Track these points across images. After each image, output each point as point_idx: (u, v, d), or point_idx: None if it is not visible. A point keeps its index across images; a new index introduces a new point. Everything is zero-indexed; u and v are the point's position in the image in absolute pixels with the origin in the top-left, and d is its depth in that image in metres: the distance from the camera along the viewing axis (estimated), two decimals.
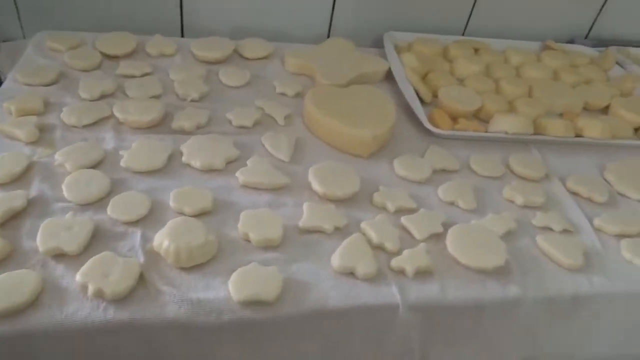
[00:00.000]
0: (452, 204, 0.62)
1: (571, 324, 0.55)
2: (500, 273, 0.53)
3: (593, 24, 1.06)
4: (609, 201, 0.66)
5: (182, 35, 0.92)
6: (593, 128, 0.74)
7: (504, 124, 0.72)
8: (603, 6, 1.03)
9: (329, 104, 0.69)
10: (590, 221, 0.62)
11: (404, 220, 0.57)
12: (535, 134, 0.74)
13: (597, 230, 0.61)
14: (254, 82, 0.79)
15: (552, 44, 0.99)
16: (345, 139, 0.66)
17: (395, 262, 0.52)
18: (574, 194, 0.67)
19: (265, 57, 0.85)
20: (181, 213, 0.54)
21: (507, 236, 0.58)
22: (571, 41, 1.04)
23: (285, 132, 0.68)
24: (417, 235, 0.56)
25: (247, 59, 0.84)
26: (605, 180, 0.70)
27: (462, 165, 0.68)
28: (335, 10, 0.95)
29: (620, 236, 0.61)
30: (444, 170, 0.67)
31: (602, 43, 1.04)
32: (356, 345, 0.50)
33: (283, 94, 0.77)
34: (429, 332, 0.51)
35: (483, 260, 0.52)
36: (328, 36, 0.98)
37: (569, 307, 0.54)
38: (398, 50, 0.91)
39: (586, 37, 1.07)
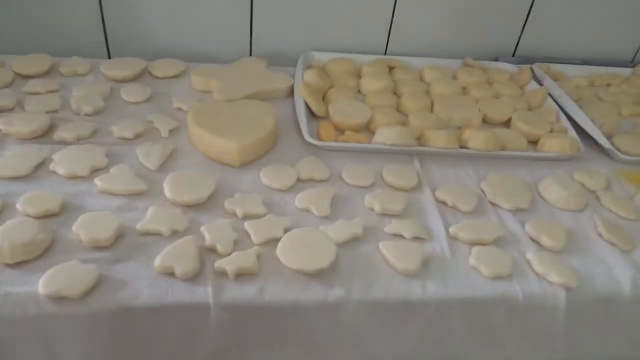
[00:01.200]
0: (306, 210, 0.62)
1: (406, 331, 0.55)
2: (327, 276, 0.53)
3: (518, 42, 1.06)
4: (475, 210, 0.65)
5: (109, 57, 0.98)
6: (476, 140, 0.74)
7: (384, 136, 0.73)
8: (525, 25, 1.04)
9: (208, 117, 0.72)
10: (447, 229, 0.62)
11: (246, 224, 0.58)
12: (421, 145, 0.75)
13: (452, 238, 0.61)
14: (155, 98, 0.82)
15: (470, 61, 1.00)
16: (215, 149, 0.68)
17: (218, 264, 0.53)
18: (442, 203, 0.66)
19: (175, 76, 0.89)
20: (27, 215, 0.57)
21: (351, 242, 0.58)
22: (496, 59, 1.05)
23: (165, 143, 0.71)
24: (254, 239, 0.56)
25: (156, 77, 0.88)
26: (482, 190, 0.69)
27: (333, 175, 0.69)
28: (253, 33, 0.98)
29: (473, 244, 0.60)
30: (311, 179, 0.68)
31: (526, 60, 1.04)
32: (171, 345, 0.51)
33: (179, 109, 0.80)
34: (245, 334, 0.51)
35: (306, 263, 0.53)
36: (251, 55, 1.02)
37: (400, 312, 0.54)
38: (312, 68, 0.94)
39: (513, 55, 1.08)
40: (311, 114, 0.81)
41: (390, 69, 0.97)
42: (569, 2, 1.02)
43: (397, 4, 0.98)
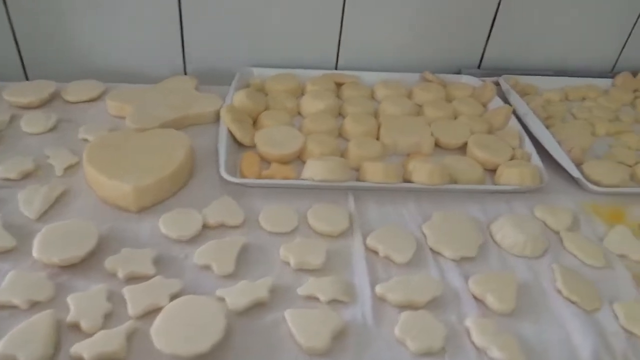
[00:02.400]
0: (206, 268, 0.52)
1: None
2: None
3: (483, 53, 0.96)
4: (412, 261, 0.55)
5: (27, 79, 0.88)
6: (420, 172, 0.64)
7: (313, 170, 0.63)
8: (490, 34, 0.93)
9: (107, 152, 0.62)
10: (373, 287, 0.51)
11: (124, 290, 0.48)
12: (357, 179, 0.65)
13: (380, 299, 0.51)
14: (61, 128, 0.72)
15: (428, 75, 0.90)
16: (109, 192, 0.58)
17: (75, 348, 0.42)
18: (373, 252, 0.56)
19: (90, 100, 0.79)
20: None
21: (253, 310, 0.48)
22: (459, 72, 0.95)
23: (55, 184, 0.61)
24: (131, 310, 0.46)
25: (70, 102, 0.78)
26: (423, 234, 0.59)
27: (249, 219, 0.59)
28: (185, 48, 0.88)
29: (404, 307, 0.50)
30: (222, 226, 0.58)
31: (493, 72, 0.94)
32: None
33: (85, 140, 0.70)
34: None
35: (183, 345, 0.42)
36: (185, 73, 0.92)
37: None
38: (246, 87, 0.84)
39: (479, 67, 0.98)
40: (239, 142, 0.71)
41: (339, 85, 0.87)
42: (538, 7, 0.91)
43: (345, 12, 0.88)
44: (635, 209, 0.66)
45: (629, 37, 0.97)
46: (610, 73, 1.00)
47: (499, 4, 0.90)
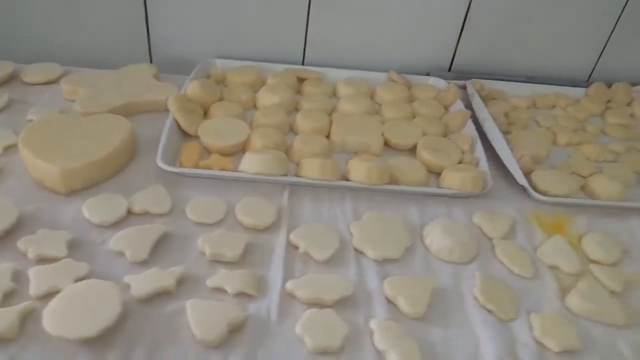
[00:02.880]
0: (121, 254, 0.52)
1: None
2: (100, 346, 0.43)
3: (454, 55, 0.94)
4: (331, 259, 0.54)
5: None
6: (358, 171, 0.63)
7: (248, 162, 0.62)
8: (460, 36, 0.92)
9: (43, 134, 0.62)
10: (285, 283, 0.51)
11: (31, 271, 0.48)
12: (297, 175, 0.64)
13: (289, 295, 0.50)
14: (13, 108, 0.73)
15: (394, 75, 0.88)
16: (40, 173, 0.59)
17: None
18: (294, 248, 0.56)
19: (48, 82, 0.79)
20: None
21: (158, 298, 0.48)
22: (428, 74, 0.93)
23: None
24: (33, 291, 0.46)
25: (27, 83, 0.79)
26: (351, 233, 0.58)
27: (177, 208, 0.59)
28: (150, 36, 0.89)
29: (311, 305, 0.49)
30: (147, 214, 0.57)
31: (463, 76, 0.92)
32: None
33: (31, 121, 0.70)
34: None
35: (71, 328, 0.42)
36: (152, 62, 0.92)
37: None
38: (212, 78, 0.84)
39: (449, 70, 0.96)
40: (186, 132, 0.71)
41: (302, 81, 0.87)
42: (508, 13, 0.90)
43: (311, 8, 0.87)
44: (580, 221, 0.65)
45: (604, 48, 0.95)
46: (586, 83, 0.98)
47: (468, 8, 0.88)
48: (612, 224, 0.65)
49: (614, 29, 0.92)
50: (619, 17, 0.91)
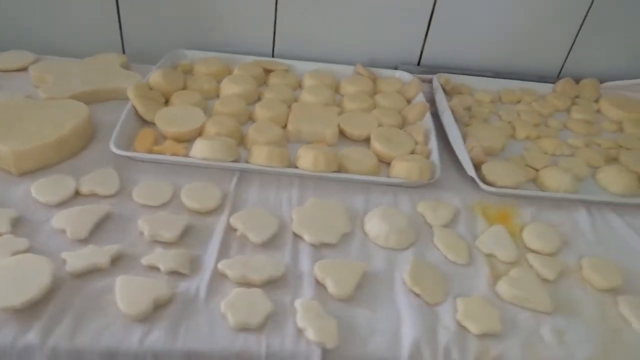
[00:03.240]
0: (62, 232, 0.54)
1: None
2: (27, 317, 0.45)
3: (422, 50, 0.95)
4: (268, 242, 0.56)
5: None
6: (304, 158, 0.64)
7: (197, 148, 0.64)
8: (427, 31, 0.93)
9: (2, 118, 0.64)
10: (217, 263, 0.52)
11: None
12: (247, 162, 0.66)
13: (220, 274, 0.52)
14: None
15: (360, 68, 0.90)
16: None
17: None
18: (234, 230, 0.57)
19: (19, 69, 0.82)
20: None
21: (91, 274, 0.50)
22: (396, 67, 0.94)
23: None
24: None
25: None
26: (292, 217, 0.60)
27: (125, 191, 0.60)
28: (123, 27, 0.91)
29: (240, 284, 0.50)
30: (95, 195, 0.59)
31: (431, 70, 0.93)
32: None
33: None
34: None
35: None
36: (124, 53, 0.94)
37: None
38: (179, 68, 0.86)
39: (418, 64, 0.97)
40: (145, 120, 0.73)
41: (269, 72, 0.88)
42: (477, 6, 0.90)
43: (279, 1, 0.89)
44: (524, 212, 0.65)
45: (573, 44, 0.95)
46: (557, 78, 0.98)
47: (434, 3, 0.89)
48: (558, 216, 0.66)
49: (581, 25, 0.93)
50: (587, 13, 0.91)
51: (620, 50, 0.96)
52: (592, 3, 0.90)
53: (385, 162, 0.70)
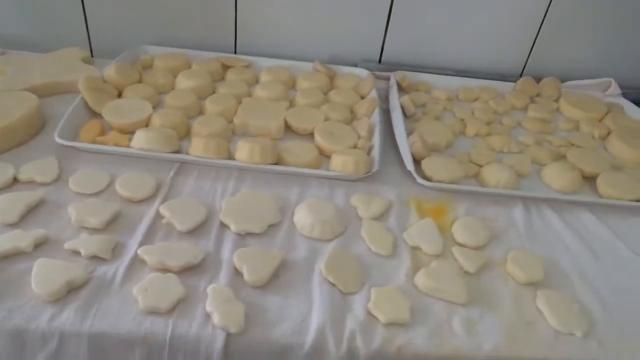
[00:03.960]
0: None
1: None
2: None
3: (382, 48, 0.96)
4: (194, 231, 0.57)
5: None
6: (241, 151, 0.66)
7: (137, 138, 0.66)
8: (386, 30, 0.93)
9: None
10: (138, 249, 0.54)
11: None
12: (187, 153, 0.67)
13: (140, 260, 0.53)
14: None
15: (318, 65, 0.91)
16: None
17: None
18: (161, 218, 0.58)
19: None
20: None
21: (13, 257, 0.51)
22: (355, 65, 0.95)
23: None
24: None
25: None
26: (221, 207, 0.61)
27: (63, 179, 0.62)
28: (88, 23, 0.93)
29: (158, 270, 0.52)
30: (32, 182, 0.61)
31: (392, 68, 0.94)
32: None
33: None
34: None
35: None
36: (91, 49, 0.96)
37: (20, 345, 0.46)
38: (139, 63, 0.87)
39: (379, 62, 0.98)
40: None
41: (229, 68, 0.90)
42: (435, 4, 0.91)
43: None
44: (460, 207, 0.66)
45: (534, 43, 0.95)
46: (520, 77, 0.98)
47: (392, 2, 0.90)
48: (494, 211, 0.66)
49: (541, 24, 0.93)
50: (546, 12, 0.91)
51: (582, 49, 0.96)
52: (550, 2, 0.90)
53: (327, 156, 0.71)
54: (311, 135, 0.75)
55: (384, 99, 0.86)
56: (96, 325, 0.46)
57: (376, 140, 0.73)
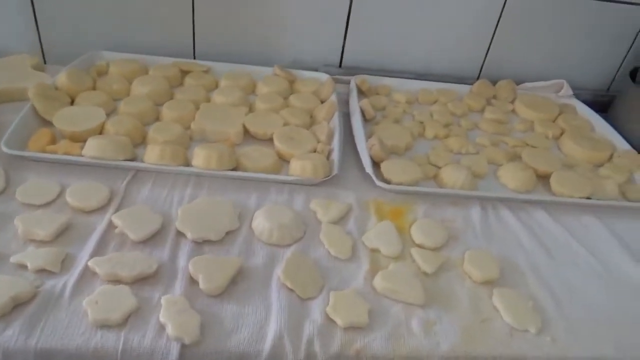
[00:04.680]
0: None
1: None
2: None
3: (342, 52, 0.96)
4: (148, 240, 0.55)
5: None
6: (197, 157, 0.65)
7: (89, 146, 0.64)
8: (346, 34, 0.94)
9: None
10: (88, 260, 0.52)
11: None
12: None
13: (91, 272, 0.51)
14: None
15: (278, 69, 0.90)
16: None
17: None
18: (114, 228, 0.57)
19: None
20: None
21: None
22: (316, 69, 0.95)
23: None
24: None
25: None
26: (178, 215, 0.60)
27: (12, 190, 0.60)
28: (40, 28, 0.90)
29: (110, 281, 0.50)
30: None
31: (352, 72, 0.94)
32: None
33: None
34: None
35: None
36: (43, 55, 0.93)
37: None
38: (94, 69, 0.85)
39: (340, 66, 0.98)
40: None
41: (186, 73, 0.88)
42: (393, 8, 0.92)
43: (195, 3, 0.89)
44: (419, 208, 0.67)
45: (490, 46, 0.97)
46: (477, 80, 1.00)
47: (350, 6, 0.91)
48: (452, 212, 0.67)
49: (496, 27, 0.95)
50: (500, 15, 0.94)
51: (536, 52, 0.99)
52: (504, 5, 0.92)
53: (286, 161, 0.71)
54: (271, 140, 0.74)
55: (345, 103, 0.86)
56: (43, 341, 0.45)
57: (335, 144, 0.73)
